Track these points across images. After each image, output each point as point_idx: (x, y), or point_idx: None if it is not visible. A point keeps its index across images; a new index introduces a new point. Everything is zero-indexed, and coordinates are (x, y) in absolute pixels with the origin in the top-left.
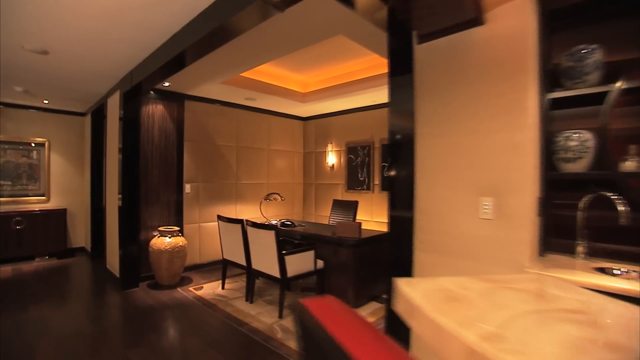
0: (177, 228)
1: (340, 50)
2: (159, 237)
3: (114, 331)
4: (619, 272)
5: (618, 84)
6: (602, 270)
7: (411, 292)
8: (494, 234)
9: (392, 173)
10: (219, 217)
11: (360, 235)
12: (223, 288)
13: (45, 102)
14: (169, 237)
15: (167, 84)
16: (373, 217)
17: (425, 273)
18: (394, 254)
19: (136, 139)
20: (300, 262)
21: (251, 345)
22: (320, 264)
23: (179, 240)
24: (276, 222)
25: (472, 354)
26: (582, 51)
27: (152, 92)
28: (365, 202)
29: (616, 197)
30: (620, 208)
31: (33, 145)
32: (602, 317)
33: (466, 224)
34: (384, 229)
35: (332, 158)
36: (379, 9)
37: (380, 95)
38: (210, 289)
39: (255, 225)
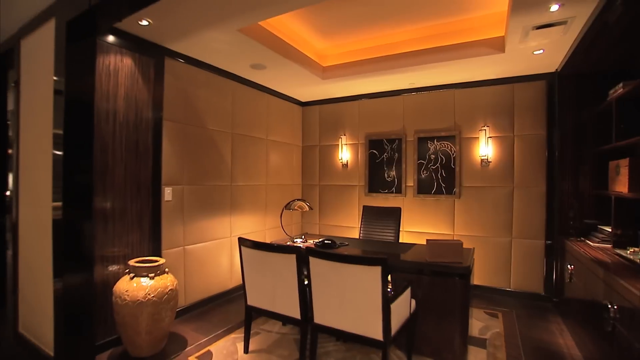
0: (161, 260)
1: (385, 11)
2: (132, 277)
3: None
4: None
5: None
6: None
7: None
8: None
9: None
10: (242, 242)
11: (465, 259)
12: (247, 352)
13: None
14: (150, 278)
15: (145, 22)
16: (405, 227)
17: None
18: None
19: (88, 113)
20: (399, 309)
21: None
22: (412, 305)
23: (167, 281)
24: (301, 240)
25: None
26: None
27: (113, 35)
28: None
29: None
30: None
31: None
32: None
33: None
34: (421, 240)
35: (345, 153)
36: None
37: (425, 75)
38: (225, 354)
39: (336, 258)
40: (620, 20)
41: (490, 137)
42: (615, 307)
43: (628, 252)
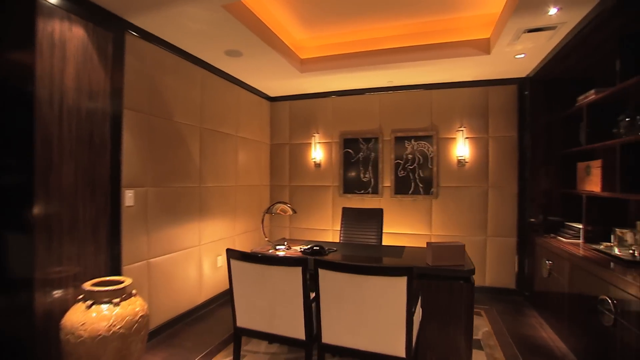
0: (127, 280)
1: (372, 4)
2: (89, 306)
3: None
4: None
5: None
6: None
7: None
8: None
9: None
10: (232, 254)
11: (466, 261)
12: None
13: None
14: (115, 305)
15: None
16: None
17: None
18: None
19: (23, 96)
20: (416, 320)
21: None
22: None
23: (136, 306)
24: (283, 247)
25: None
26: None
27: None
28: None
29: None
30: None
31: None
32: None
33: None
34: (399, 241)
35: (318, 152)
36: None
37: (405, 74)
38: None
39: (355, 269)
40: (595, 32)
41: (466, 137)
42: (615, 301)
43: (601, 246)
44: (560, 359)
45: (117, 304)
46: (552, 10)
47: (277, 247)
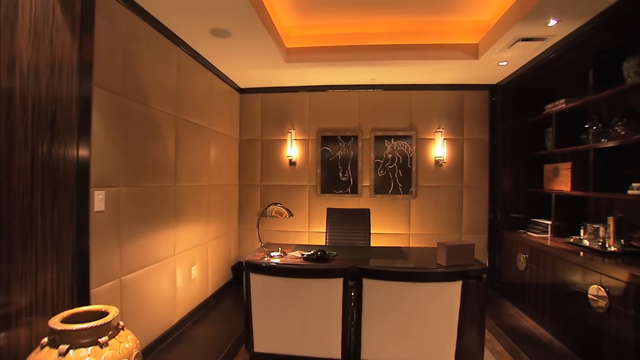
0: (112, 310)
1: None
2: (65, 352)
3: None
4: None
5: None
6: None
7: None
8: None
9: None
10: (252, 268)
11: (473, 260)
12: None
13: None
14: (102, 346)
15: None
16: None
17: None
18: None
19: None
20: None
21: None
22: None
23: (128, 342)
24: (277, 254)
25: None
26: None
27: None
28: None
29: None
30: None
31: None
32: None
33: None
34: (379, 242)
35: (294, 150)
36: None
37: (388, 72)
38: None
39: (408, 277)
40: (576, 47)
41: (444, 139)
42: (607, 288)
43: (571, 240)
44: (549, 345)
45: (104, 344)
46: (552, 22)
47: (272, 254)
